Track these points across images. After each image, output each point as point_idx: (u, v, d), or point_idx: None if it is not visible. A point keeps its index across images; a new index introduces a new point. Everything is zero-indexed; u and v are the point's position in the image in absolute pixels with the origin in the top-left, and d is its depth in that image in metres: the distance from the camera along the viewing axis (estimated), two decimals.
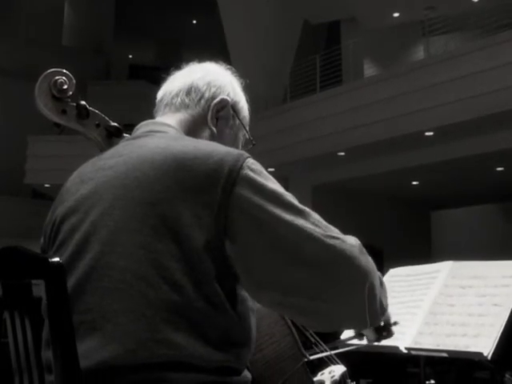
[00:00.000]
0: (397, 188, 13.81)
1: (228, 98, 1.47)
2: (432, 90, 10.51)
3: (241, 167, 1.22)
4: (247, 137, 1.54)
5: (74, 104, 1.53)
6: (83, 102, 1.53)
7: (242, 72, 1.55)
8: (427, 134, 10.88)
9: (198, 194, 1.19)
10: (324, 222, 1.25)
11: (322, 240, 1.21)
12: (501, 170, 12.46)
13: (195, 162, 1.21)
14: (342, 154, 12.22)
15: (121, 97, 17.75)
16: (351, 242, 1.26)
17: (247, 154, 1.27)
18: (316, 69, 13.76)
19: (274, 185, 1.24)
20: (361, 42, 14.44)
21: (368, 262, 1.26)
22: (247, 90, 1.56)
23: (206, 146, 1.27)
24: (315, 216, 1.25)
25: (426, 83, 10.62)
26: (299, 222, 1.21)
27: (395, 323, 1.56)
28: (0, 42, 18.30)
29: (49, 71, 1.51)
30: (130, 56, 24.44)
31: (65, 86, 1.50)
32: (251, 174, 1.22)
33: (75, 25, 21.49)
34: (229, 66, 1.55)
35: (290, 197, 1.25)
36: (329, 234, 1.23)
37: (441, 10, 13.48)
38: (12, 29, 19.25)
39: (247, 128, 1.53)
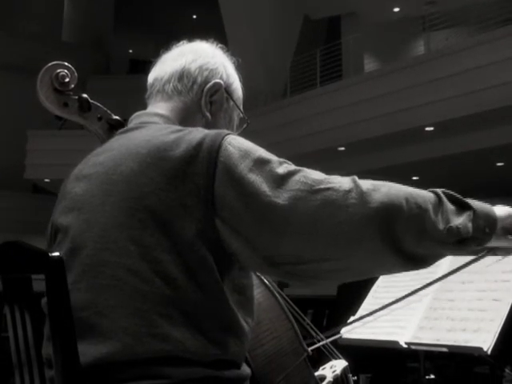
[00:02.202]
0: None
1: (221, 81, 1.44)
2: (432, 84, 10.50)
3: (219, 145, 1.20)
4: (241, 116, 1.52)
5: (76, 97, 1.53)
6: (85, 95, 1.53)
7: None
8: (427, 129, 10.87)
9: (182, 183, 1.18)
10: (313, 176, 1.20)
11: (308, 198, 1.16)
12: (501, 166, 12.45)
13: (176, 151, 1.21)
14: (342, 148, 12.22)
15: (121, 91, 17.72)
16: (345, 187, 1.19)
17: (226, 132, 1.25)
18: (316, 64, 13.75)
19: (255, 153, 1.21)
20: (361, 37, 14.41)
21: (372, 200, 1.18)
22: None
23: (187, 133, 1.25)
24: (302, 173, 1.20)
25: (427, 78, 10.61)
26: (283, 187, 1.17)
27: None
28: (0, 36, 18.27)
29: (50, 64, 1.50)
30: (130, 50, 24.41)
31: (66, 79, 1.50)
32: (230, 149, 1.20)
33: (75, 20, 21.46)
34: (220, 45, 1.52)
35: (273, 162, 1.21)
36: (317, 188, 1.18)
37: (441, 4, 13.46)
38: (12, 24, 19.23)
39: (241, 107, 1.51)
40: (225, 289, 1.19)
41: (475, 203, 1.31)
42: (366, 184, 1.21)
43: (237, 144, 1.22)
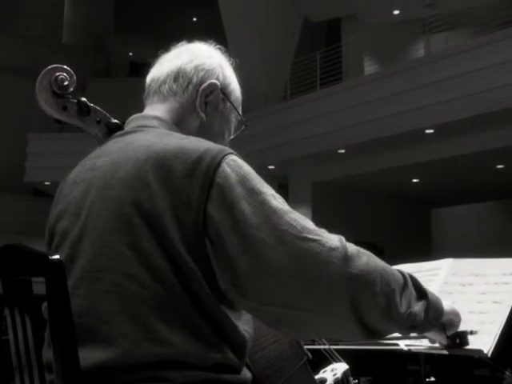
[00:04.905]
0: (397, 185, 13.81)
1: (217, 82, 1.42)
2: (432, 87, 10.50)
3: (218, 165, 1.19)
4: (239, 118, 1.49)
5: (75, 100, 1.52)
6: (84, 99, 1.52)
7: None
8: (427, 131, 10.88)
9: (177, 195, 1.17)
10: (303, 222, 1.19)
11: (293, 243, 1.15)
12: (501, 168, 12.46)
13: (176, 161, 1.19)
14: (342, 151, 12.22)
15: (121, 94, 17.73)
16: (331, 244, 1.17)
17: (228, 151, 1.23)
18: (316, 66, 13.75)
19: (251, 182, 1.19)
20: (361, 40, 14.42)
21: (353, 266, 1.17)
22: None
23: (188, 144, 1.23)
24: (293, 215, 1.19)
25: (427, 80, 10.61)
26: (271, 223, 1.16)
27: (472, 332, 1.47)
28: (0, 39, 18.28)
29: (50, 67, 1.50)
30: (130, 53, 24.43)
31: (66, 83, 1.49)
32: (228, 171, 1.19)
33: (75, 23, 21.49)
34: (219, 46, 1.50)
35: (267, 195, 1.19)
36: (304, 235, 1.16)
37: (441, 7, 13.47)
38: (13, 27, 19.25)
39: (239, 109, 1.49)
40: (216, 299, 1.18)
41: (430, 293, 1.34)
42: (351, 247, 1.21)
43: (236, 167, 1.20)
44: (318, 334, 1.31)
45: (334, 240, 1.19)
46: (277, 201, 1.20)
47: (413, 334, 1.47)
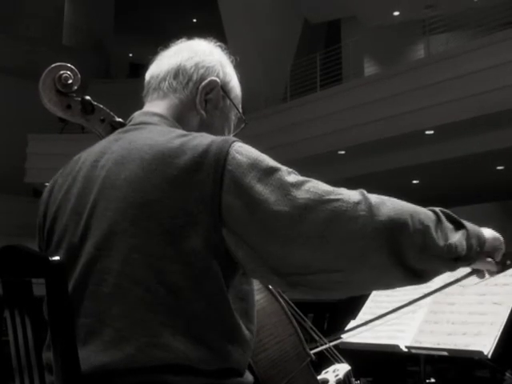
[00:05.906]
0: (397, 187, 13.79)
1: (217, 79, 1.42)
2: (432, 88, 10.50)
3: (227, 153, 1.18)
4: (239, 116, 1.49)
5: (79, 99, 1.52)
6: (88, 97, 1.52)
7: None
8: (427, 132, 10.87)
9: (188, 191, 1.16)
10: (323, 187, 1.20)
11: (318, 208, 1.16)
12: (501, 169, 12.45)
13: (182, 158, 1.18)
14: (343, 152, 12.22)
15: (121, 95, 17.71)
16: (354, 199, 1.18)
17: (233, 139, 1.23)
18: (316, 67, 13.76)
19: (262, 163, 1.19)
20: (361, 41, 14.42)
21: (380, 213, 1.18)
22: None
23: (192, 140, 1.22)
24: (311, 183, 1.19)
25: (427, 82, 10.61)
26: (292, 195, 1.16)
27: None
28: (1, 40, 18.28)
29: (53, 65, 1.49)
30: (130, 54, 24.43)
31: (69, 81, 1.49)
32: (239, 158, 1.18)
33: (75, 23, 21.48)
34: (219, 43, 1.50)
35: (282, 171, 1.20)
36: (326, 198, 1.17)
37: (441, 8, 13.47)
38: (13, 27, 19.24)
39: (239, 107, 1.48)
40: (228, 297, 1.18)
41: (467, 223, 1.35)
42: (373, 197, 1.22)
43: (245, 152, 1.20)
44: (365, 288, 1.31)
45: (355, 195, 1.20)
46: (291, 175, 1.20)
47: (463, 274, 1.48)
